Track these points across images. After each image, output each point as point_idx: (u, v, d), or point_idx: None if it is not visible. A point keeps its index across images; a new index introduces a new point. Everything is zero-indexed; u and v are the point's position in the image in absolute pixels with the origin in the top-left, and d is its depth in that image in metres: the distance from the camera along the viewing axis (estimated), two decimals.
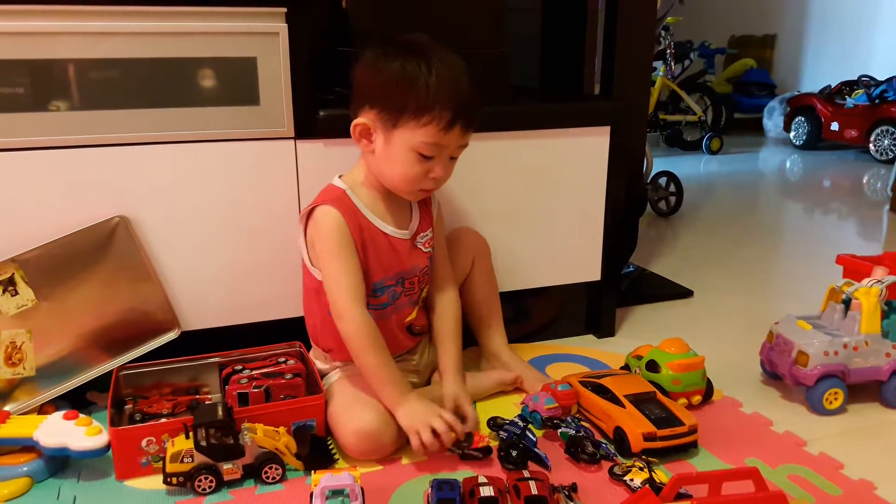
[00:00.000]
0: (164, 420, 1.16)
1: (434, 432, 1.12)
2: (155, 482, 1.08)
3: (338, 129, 1.23)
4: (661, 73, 4.24)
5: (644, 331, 1.73)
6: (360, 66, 1.17)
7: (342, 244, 1.17)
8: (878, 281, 1.37)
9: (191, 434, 1.05)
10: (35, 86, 1.17)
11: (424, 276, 1.30)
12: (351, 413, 1.15)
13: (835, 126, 4.47)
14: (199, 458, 1.05)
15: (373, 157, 1.19)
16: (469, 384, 1.33)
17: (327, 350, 1.28)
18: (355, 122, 1.17)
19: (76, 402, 1.26)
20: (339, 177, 1.24)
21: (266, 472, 1.08)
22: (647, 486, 1.01)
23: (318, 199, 1.21)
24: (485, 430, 1.23)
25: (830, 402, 1.32)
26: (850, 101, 4.43)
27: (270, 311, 1.37)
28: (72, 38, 1.16)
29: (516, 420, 1.19)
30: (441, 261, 1.35)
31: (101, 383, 1.25)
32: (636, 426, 1.15)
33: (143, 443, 1.09)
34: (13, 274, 1.19)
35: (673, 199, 2.90)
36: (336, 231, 1.17)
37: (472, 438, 1.16)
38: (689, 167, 4.09)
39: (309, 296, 1.28)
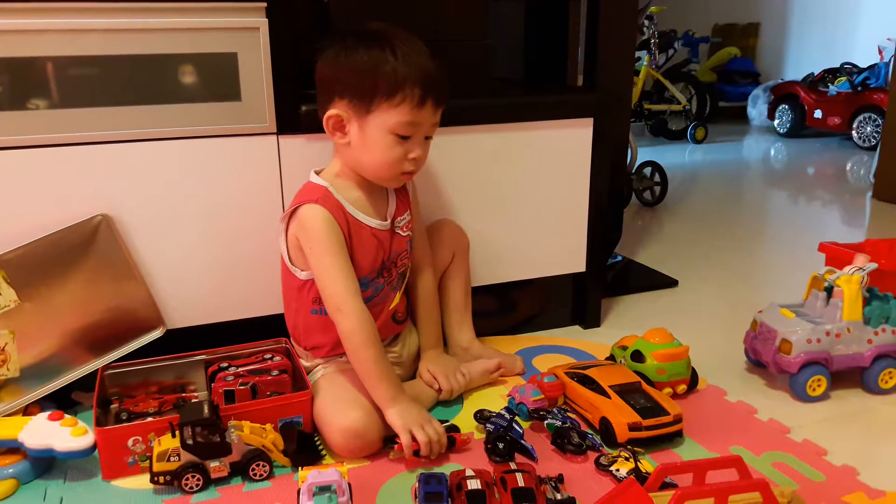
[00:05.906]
0: (150, 419, 1.16)
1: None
2: (142, 481, 1.08)
3: (320, 125, 1.23)
4: (645, 63, 4.25)
5: (629, 321, 1.74)
6: (322, 61, 1.18)
7: (333, 240, 1.17)
8: (860, 268, 1.38)
9: (177, 432, 1.05)
10: (13, 84, 1.15)
11: (403, 260, 1.30)
12: (337, 411, 1.15)
13: (818, 114, 4.51)
14: (186, 457, 1.05)
15: (348, 149, 1.19)
16: None
17: (309, 348, 1.28)
18: (328, 114, 1.17)
19: (61, 402, 1.26)
20: (317, 173, 1.24)
21: (253, 470, 1.08)
22: (632, 475, 1.02)
23: (301, 197, 1.20)
24: (471, 424, 1.23)
25: (814, 389, 1.33)
26: (832, 89, 4.47)
27: (256, 307, 1.37)
28: (50, 35, 1.14)
29: (503, 412, 1.20)
30: (420, 242, 1.35)
31: (86, 383, 1.24)
32: (621, 416, 1.16)
33: (130, 442, 1.09)
34: None
35: (658, 188, 2.91)
36: (327, 228, 1.17)
37: (455, 441, 1.16)
38: (673, 156, 4.11)
39: (290, 295, 1.27)
